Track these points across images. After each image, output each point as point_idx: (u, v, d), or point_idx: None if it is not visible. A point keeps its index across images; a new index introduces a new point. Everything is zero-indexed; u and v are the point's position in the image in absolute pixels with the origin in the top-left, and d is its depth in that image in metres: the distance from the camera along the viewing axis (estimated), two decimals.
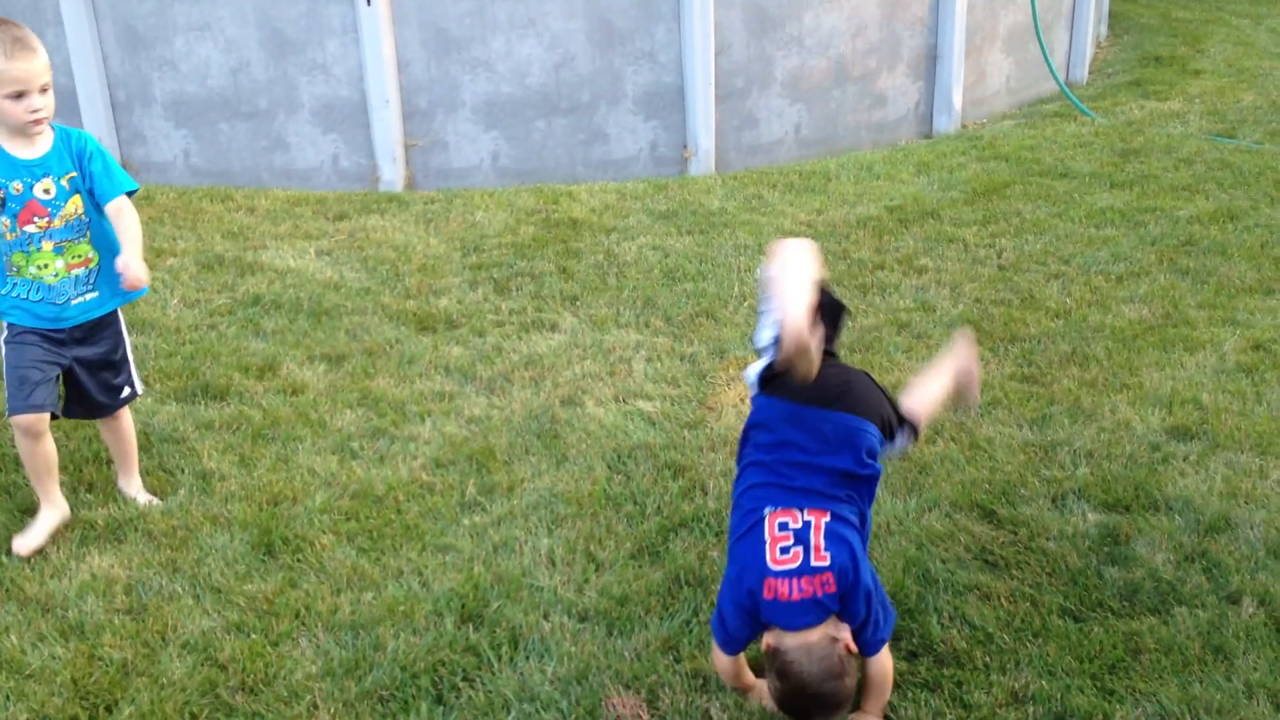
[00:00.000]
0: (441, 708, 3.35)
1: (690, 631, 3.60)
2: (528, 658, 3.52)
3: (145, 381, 5.29)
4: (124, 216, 4.06)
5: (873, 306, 6.08)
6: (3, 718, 3.34)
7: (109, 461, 4.59)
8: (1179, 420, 4.81)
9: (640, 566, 3.97)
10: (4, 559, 4.05)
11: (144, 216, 7.60)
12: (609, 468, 4.59)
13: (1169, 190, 7.83)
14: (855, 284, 6.37)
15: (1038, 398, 5.05)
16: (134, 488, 4.49)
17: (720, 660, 3.25)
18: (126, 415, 4.46)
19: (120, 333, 4.35)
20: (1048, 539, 4.03)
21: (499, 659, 3.52)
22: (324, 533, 4.18)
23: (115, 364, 4.33)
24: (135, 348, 5.52)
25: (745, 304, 6.11)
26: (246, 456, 4.73)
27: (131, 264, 3.98)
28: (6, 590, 3.90)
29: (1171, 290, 6.16)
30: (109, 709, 3.37)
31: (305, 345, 5.72)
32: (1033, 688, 3.34)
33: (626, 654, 3.52)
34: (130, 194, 4.10)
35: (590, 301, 6.23)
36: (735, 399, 5.10)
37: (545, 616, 3.71)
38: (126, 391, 4.39)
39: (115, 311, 4.30)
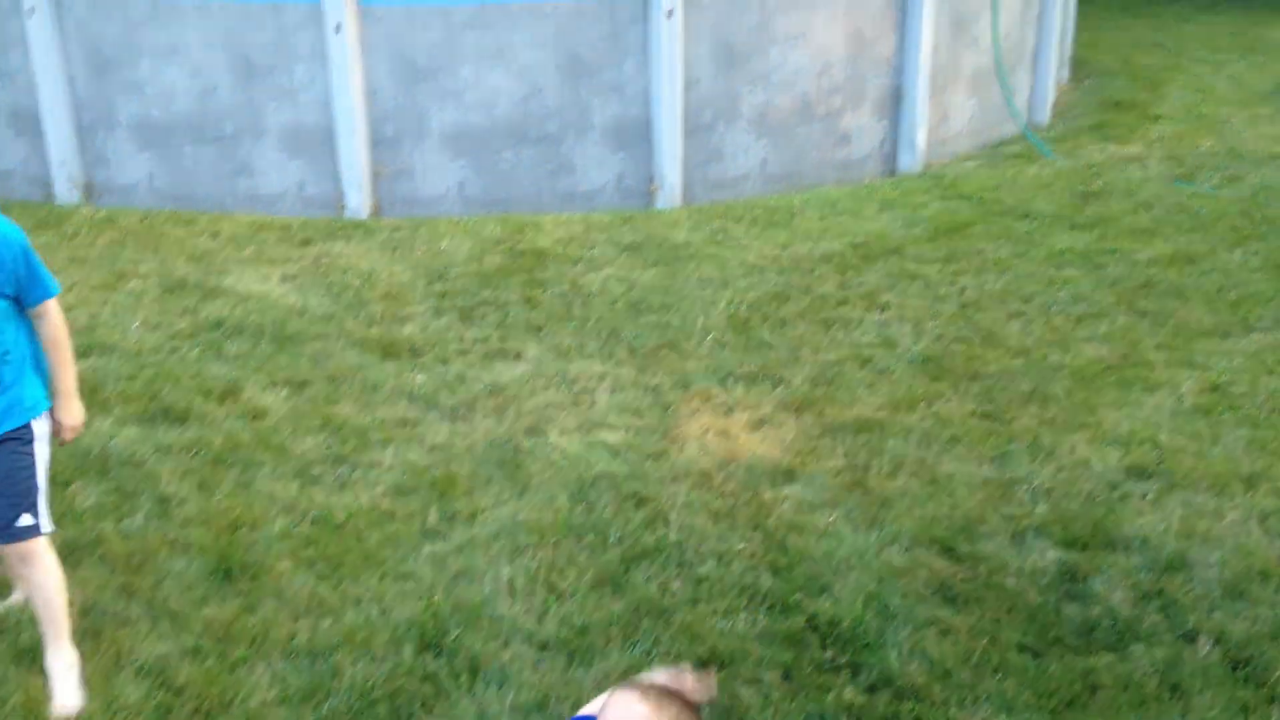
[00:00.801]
0: None
1: (651, 662, 3.59)
2: (487, 686, 3.50)
3: (105, 404, 5.24)
4: (54, 331, 3.51)
5: (835, 341, 6.11)
6: None
7: (67, 482, 4.51)
8: (1137, 459, 4.86)
9: (601, 597, 3.96)
10: None
11: (107, 239, 7.63)
12: (571, 497, 4.58)
13: (1128, 233, 7.93)
14: (818, 318, 6.41)
15: (998, 435, 5.09)
16: (61, 660, 3.53)
17: None
18: (44, 561, 3.53)
19: (22, 453, 3.48)
20: (1007, 575, 4.06)
21: (458, 687, 3.50)
22: (283, 559, 4.15)
23: (15, 485, 3.47)
24: (95, 370, 5.50)
25: (709, 336, 6.13)
26: (206, 481, 4.69)
27: (68, 418, 3.56)
28: None
29: (1130, 331, 6.23)
30: None
31: (267, 370, 5.69)
32: None
33: (586, 684, 3.51)
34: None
35: (555, 331, 6.23)
36: (698, 431, 5.11)
37: (505, 645, 3.69)
38: (25, 520, 3.48)
39: (26, 428, 3.49)
